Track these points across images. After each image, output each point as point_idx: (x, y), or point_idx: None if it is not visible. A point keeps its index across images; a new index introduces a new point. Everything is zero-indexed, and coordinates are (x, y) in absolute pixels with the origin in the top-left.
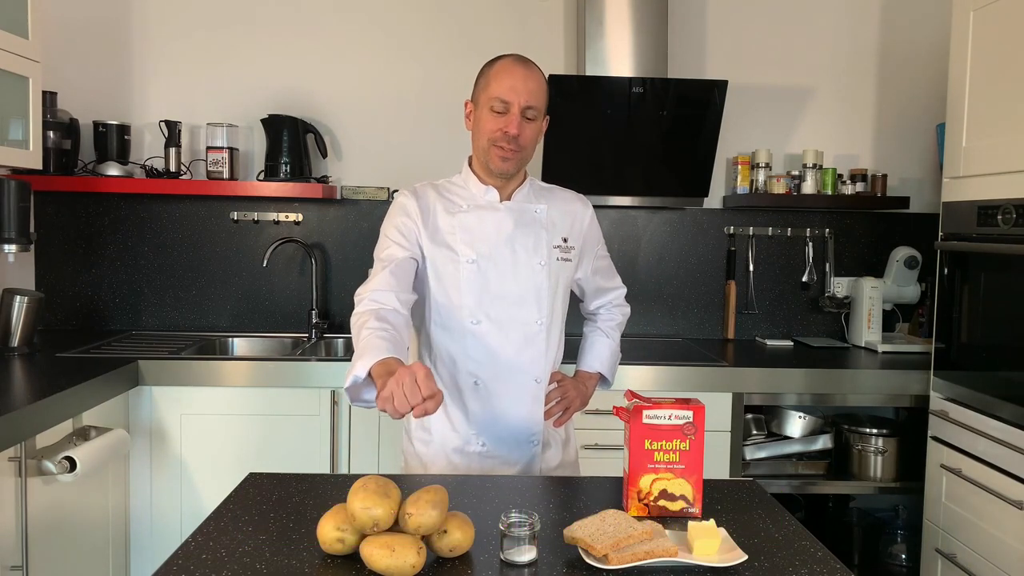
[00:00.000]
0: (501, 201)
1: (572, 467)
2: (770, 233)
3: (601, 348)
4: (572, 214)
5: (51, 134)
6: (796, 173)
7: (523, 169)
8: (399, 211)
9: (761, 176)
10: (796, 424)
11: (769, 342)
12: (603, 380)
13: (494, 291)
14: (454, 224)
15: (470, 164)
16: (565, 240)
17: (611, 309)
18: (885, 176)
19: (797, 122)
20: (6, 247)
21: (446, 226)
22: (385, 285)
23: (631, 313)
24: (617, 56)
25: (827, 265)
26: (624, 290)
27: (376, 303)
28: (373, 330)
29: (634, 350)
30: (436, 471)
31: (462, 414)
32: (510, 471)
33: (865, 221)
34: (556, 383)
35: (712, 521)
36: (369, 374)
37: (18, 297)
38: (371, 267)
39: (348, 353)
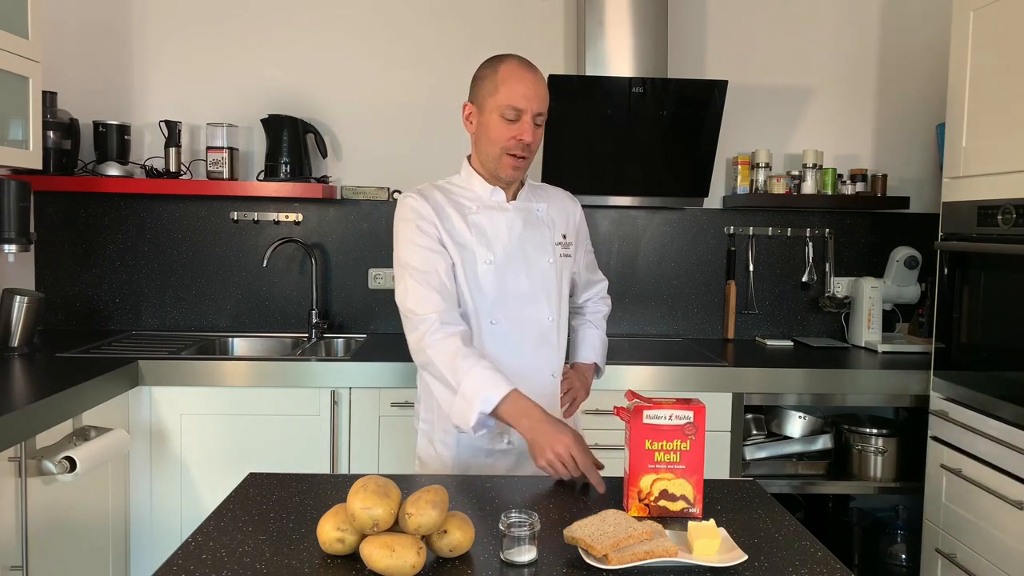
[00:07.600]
0: (507, 201)
1: None
2: (770, 233)
3: (593, 339)
4: (566, 211)
5: (51, 134)
6: (796, 173)
7: None
8: (413, 214)
9: (761, 176)
10: (796, 424)
11: (769, 342)
12: (596, 370)
13: (510, 291)
14: (468, 225)
15: (470, 164)
16: (564, 236)
17: (597, 302)
18: (885, 176)
19: (797, 122)
20: (6, 247)
21: (461, 227)
22: (442, 303)
23: (630, 313)
24: (617, 56)
25: (827, 265)
26: (607, 282)
27: (450, 325)
28: (473, 359)
29: (634, 350)
30: (459, 471)
31: None
32: (533, 465)
33: (865, 221)
34: (562, 376)
35: (712, 521)
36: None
37: (18, 297)
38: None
39: (348, 353)
